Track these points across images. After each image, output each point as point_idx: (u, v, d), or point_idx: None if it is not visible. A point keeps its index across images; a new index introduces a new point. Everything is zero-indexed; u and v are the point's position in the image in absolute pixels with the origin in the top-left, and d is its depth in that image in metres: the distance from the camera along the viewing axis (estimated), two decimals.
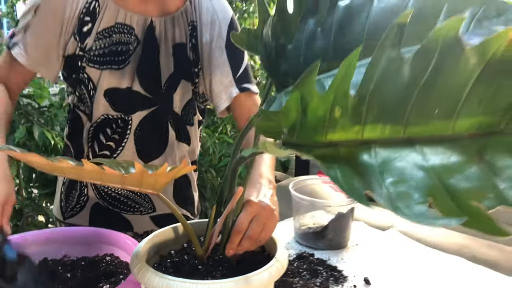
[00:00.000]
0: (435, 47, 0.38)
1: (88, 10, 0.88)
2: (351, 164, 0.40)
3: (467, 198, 0.38)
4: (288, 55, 0.56)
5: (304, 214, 1.11)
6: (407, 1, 0.54)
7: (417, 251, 1.08)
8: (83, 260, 0.81)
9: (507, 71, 0.37)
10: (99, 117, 0.95)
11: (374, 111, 0.41)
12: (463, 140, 0.40)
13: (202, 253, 0.66)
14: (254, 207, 0.66)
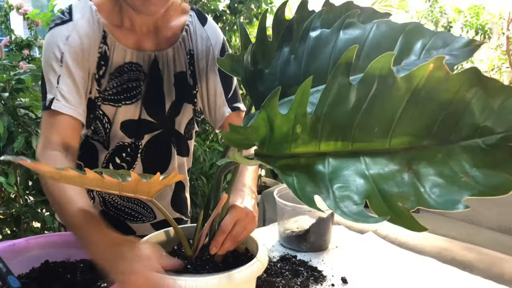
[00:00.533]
0: (373, 77, 0.47)
1: (101, 55, 0.93)
2: (307, 172, 0.49)
3: (395, 200, 0.47)
4: (265, 78, 0.65)
5: (288, 219, 1.18)
6: (368, 33, 0.62)
7: (392, 253, 1.16)
8: (81, 263, 0.88)
9: (428, 97, 0.46)
10: (115, 145, 1.02)
11: (328, 129, 0.50)
12: (397, 153, 0.50)
13: (191, 253, 0.73)
14: (238, 211, 0.74)
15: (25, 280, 0.82)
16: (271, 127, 0.49)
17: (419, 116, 0.47)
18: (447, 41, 0.61)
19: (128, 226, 1.10)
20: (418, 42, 0.62)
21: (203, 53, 1.01)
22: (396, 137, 0.49)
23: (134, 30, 0.97)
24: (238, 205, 0.75)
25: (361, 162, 0.49)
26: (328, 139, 0.50)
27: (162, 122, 1.03)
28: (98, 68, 0.93)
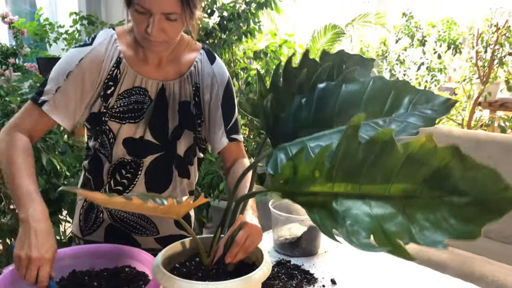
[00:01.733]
0: (378, 142, 0.62)
1: (112, 76, 1.07)
2: (326, 209, 0.64)
3: (394, 237, 0.61)
4: (281, 121, 0.79)
5: (282, 227, 1.32)
6: (365, 88, 0.78)
7: (374, 257, 1.31)
8: (105, 271, 1.00)
9: (420, 162, 0.61)
10: (117, 160, 1.14)
11: (340, 175, 0.64)
12: (395, 199, 0.64)
13: (208, 263, 0.87)
14: (249, 227, 0.88)
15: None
16: (295, 171, 0.63)
17: (412, 174, 0.62)
18: (429, 99, 0.77)
19: (134, 238, 1.22)
20: (406, 97, 0.78)
21: (208, 88, 1.15)
22: (394, 186, 0.63)
23: (146, 61, 1.10)
24: (249, 221, 0.89)
25: (366, 204, 0.64)
26: (340, 182, 0.65)
27: (164, 145, 1.15)
28: (105, 88, 1.07)
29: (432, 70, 3.27)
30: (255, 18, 2.51)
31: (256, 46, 2.81)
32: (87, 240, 1.21)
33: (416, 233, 0.61)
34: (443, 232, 0.59)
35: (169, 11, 0.94)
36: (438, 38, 3.19)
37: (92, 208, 1.21)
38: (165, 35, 0.98)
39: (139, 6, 0.94)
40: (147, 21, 0.96)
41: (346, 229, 0.63)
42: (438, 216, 0.60)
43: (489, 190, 0.57)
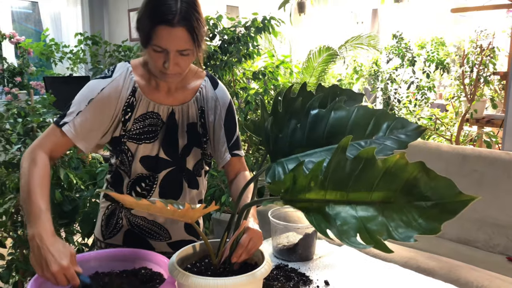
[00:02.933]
0: (363, 158, 0.76)
1: (129, 104, 1.22)
2: (320, 213, 0.78)
3: (375, 234, 0.76)
4: (279, 141, 0.94)
5: (280, 235, 1.46)
6: (350, 115, 0.93)
7: (364, 261, 1.44)
8: (124, 273, 1.13)
9: (395, 174, 0.76)
10: (135, 175, 1.29)
11: (331, 185, 0.79)
12: (375, 204, 0.79)
13: (216, 262, 1.00)
14: (252, 232, 1.02)
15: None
16: (294, 181, 0.77)
17: (389, 184, 0.77)
18: (404, 125, 0.93)
19: (149, 243, 1.36)
20: (385, 123, 0.93)
21: (212, 110, 1.31)
22: (375, 194, 0.78)
23: (158, 89, 1.26)
24: (251, 227, 1.03)
25: (353, 208, 0.78)
26: (331, 191, 0.80)
27: (175, 161, 1.30)
28: (124, 114, 1.23)
29: (422, 88, 3.43)
30: (254, 41, 2.67)
31: (254, 66, 2.97)
32: (108, 243, 1.35)
33: (392, 231, 0.75)
34: (413, 229, 0.74)
35: (183, 48, 1.10)
36: (427, 58, 3.36)
37: (113, 215, 1.35)
38: (179, 68, 1.14)
39: (157, 46, 1.09)
40: (164, 58, 1.11)
41: (337, 229, 0.77)
42: (409, 217, 0.75)
43: (447, 196, 0.73)
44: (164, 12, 1.06)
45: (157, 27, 1.07)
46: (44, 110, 1.79)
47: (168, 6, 1.06)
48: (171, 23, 1.06)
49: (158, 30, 1.07)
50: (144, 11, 1.10)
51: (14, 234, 1.83)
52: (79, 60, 4.97)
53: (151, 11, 1.08)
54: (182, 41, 1.09)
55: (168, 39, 1.08)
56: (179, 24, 1.06)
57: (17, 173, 1.81)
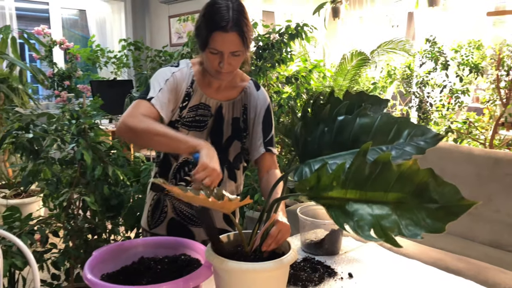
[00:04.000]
0: (380, 162, 0.86)
1: (187, 93, 1.41)
2: (340, 209, 0.89)
3: (387, 230, 0.86)
4: (308, 143, 1.06)
5: (308, 231, 1.56)
6: (374, 122, 1.03)
7: (388, 257, 1.52)
8: (166, 258, 1.26)
9: (408, 178, 0.85)
10: (182, 159, 1.46)
11: (352, 185, 0.89)
12: (390, 204, 0.89)
13: (248, 250, 1.12)
14: (281, 224, 1.13)
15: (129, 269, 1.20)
16: (318, 180, 0.89)
17: (402, 187, 0.86)
18: (423, 132, 1.02)
19: (190, 230, 1.51)
20: (406, 130, 1.02)
21: (253, 108, 1.49)
22: (390, 195, 0.87)
23: (210, 85, 1.44)
24: (280, 220, 1.15)
25: (369, 207, 0.88)
26: (351, 190, 0.89)
27: (219, 150, 1.43)
28: (183, 102, 1.42)
29: (455, 92, 3.43)
30: (287, 47, 2.79)
31: (288, 70, 3.08)
32: (153, 233, 1.52)
33: (403, 228, 0.85)
34: (421, 228, 0.83)
35: (235, 49, 1.27)
36: (461, 62, 3.37)
37: (158, 204, 1.52)
38: (231, 67, 1.31)
39: (213, 49, 1.27)
40: (219, 59, 1.29)
41: (354, 224, 0.87)
42: (419, 217, 0.84)
43: (452, 200, 0.82)
44: (218, 20, 1.24)
45: (213, 33, 1.25)
46: (93, 112, 1.98)
47: (222, 15, 1.24)
48: (225, 29, 1.24)
49: (214, 35, 1.25)
50: (201, 21, 1.29)
51: (68, 225, 2.02)
52: (122, 65, 5.23)
53: (208, 20, 1.27)
54: (234, 44, 1.26)
55: (223, 43, 1.25)
56: (231, 30, 1.24)
57: (71, 169, 2.01)
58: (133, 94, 2.57)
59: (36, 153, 1.91)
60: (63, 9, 5.40)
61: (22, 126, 1.93)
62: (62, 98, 4.74)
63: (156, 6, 5.67)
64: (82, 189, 1.92)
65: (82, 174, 1.94)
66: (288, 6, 5.01)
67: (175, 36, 5.41)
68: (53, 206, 2.09)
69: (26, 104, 3.98)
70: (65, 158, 2.00)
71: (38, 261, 1.90)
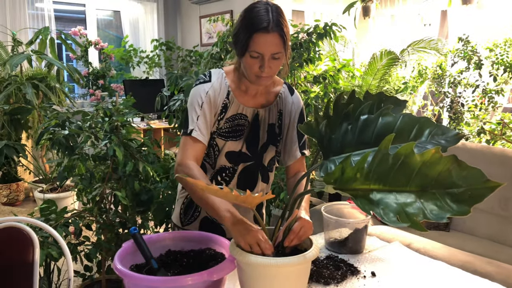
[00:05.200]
0: (402, 153, 0.88)
1: (224, 105, 1.43)
2: (365, 199, 0.91)
3: (412, 216, 0.88)
4: (332, 141, 1.08)
5: (332, 229, 1.57)
6: (396, 121, 1.05)
7: (413, 257, 1.52)
8: (192, 252, 1.30)
9: (431, 166, 0.87)
10: (219, 166, 1.49)
11: (375, 177, 0.92)
12: (413, 192, 0.91)
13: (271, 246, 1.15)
14: (303, 221, 1.16)
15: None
16: (342, 173, 0.91)
17: (425, 175, 0.88)
18: (444, 131, 1.04)
19: (222, 228, 1.54)
20: (427, 130, 1.05)
21: (288, 113, 1.50)
22: (413, 184, 0.90)
23: (247, 93, 1.46)
24: (303, 217, 1.17)
25: (394, 195, 0.91)
26: (375, 182, 0.92)
27: (255, 156, 1.50)
28: (220, 113, 1.43)
29: (489, 92, 3.35)
30: (316, 47, 2.79)
31: (318, 69, 3.09)
32: (185, 229, 1.55)
33: (428, 213, 0.88)
34: (446, 211, 0.86)
35: (276, 51, 1.27)
36: (495, 61, 3.28)
37: (192, 204, 1.55)
38: (271, 70, 1.31)
39: (254, 52, 1.27)
40: (259, 63, 1.29)
41: (380, 211, 0.90)
42: (443, 202, 0.87)
43: (476, 183, 0.85)
44: (259, 22, 1.25)
45: (255, 34, 1.25)
46: (126, 111, 2.05)
47: (262, 17, 1.25)
48: (267, 29, 1.24)
49: (255, 37, 1.25)
50: (240, 25, 1.30)
51: (100, 219, 2.10)
52: (154, 64, 5.36)
53: (248, 23, 1.28)
54: (276, 45, 1.26)
55: (265, 44, 1.26)
56: (273, 30, 1.25)
57: (103, 165, 2.09)
58: (164, 93, 2.64)
59: (72, 149, 2.00)
60: (98, 10, 5.58)
61: (58, 123, 2.03)
62: (96, 97, 4.91)
63: (187, 7, 5.77)
64: (113, 184, 2.00)
65: (114, 170, 2.01)
66: (318, 5, 4.99)
67: (206, 36, 5.49)
68: (87, 200, 2.18)
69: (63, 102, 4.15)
70: (98, 154, 2.08)
71: (71, 252, 1.99)
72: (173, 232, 1.38)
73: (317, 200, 3.30)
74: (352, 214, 1.64)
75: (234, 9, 4.99)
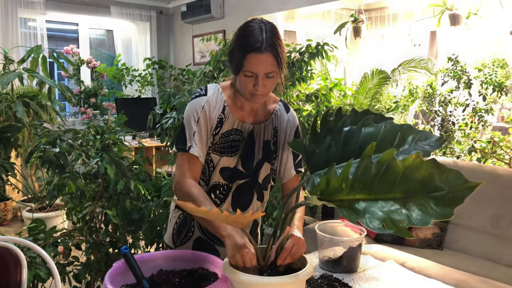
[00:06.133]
0: (384, 160, 0.88)
1: (219, 120, 1.41)
2: (350, 208, 0.90)
3: (398, 223, 0.87)
4: (316, 155, 1.07)
5: (326, 248, 1.55)
6: (379, 130, 1.05)
7: (407, 276, 1.50)
8: (184, 271, 1.28)
9: (412, 172, 0.87)
10: (213, 183, 1.47)
11: (360, 186, 0.91)
12: (398, 199, 0.91)
13: (264, 264, 1.13)
14: (295, 238, 1.14)
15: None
16: (327, 183, 0.90)
17: (408, 181, 0.89)
18: (427, 137, 1.04)
19: (216, 249, 1.52)
20: (410, 136, 1.05)
21: (283, 131, 1.49)
22: (397, 191, 0.90)
23: (243, 109, 1.44)
24: (295, 234, 1.15)
25: (379, 204, 0.91)
26: (360, 191, 0.92)
27: (249, 173, 1.48)
28: (215, 128, 1.41)
29: (478, 111, 3.39)
30: (308, 66, 2.82)
31: (309, 88, 3.11)
32: None
33: (413, 219, 0.88)
34: (431, 215, 0.87)
35: (270, 70, 1.27)
36: (484, 80, 3.33)
37: (185, 224, 1.52)
38: (266, 89, 1.31)
39: (248, 71, 1.27)
40: (253, 81, 1.28)
41: (365, 220, 0.90)
42: (427, 206, 0.88)
43: (456, 184, 0.86)
44: (253, 42, 1.25)
45: (248, 55, 1.25)
46: (118, 128, 2.04)
47: (256, 37, 1.25)
48: (260, 50, 1.24)
49: (249, 57, 1.25)
50: (235, 44, 1.30)
51: (90, 238, 2.06)
52: (146, 83, 5.37)
53: (242, 43, 1.27)
54: (269, 64, 1.26)
55: (258, 64, 1.25)
56: (266, 51, 1.24)
57: (94, 183, 2.06)
58: (156, 111, 2.63)
59: (62, 167, 1.98)
60: (91, 30, 5.60)
61: (49, 141, 2.01)
62: (88, 115, 4.88)
63: (180, 26, 5.82)
64: (104, 203, 1.97)
65: (105, 188, 1.99)
66: (310, 25, 5.06)
67: (198, 55, 5.53)
68: (76, 219, 2.14)
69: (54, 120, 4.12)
70: (89, 172, 2.06)
71: (60, 273, 1.95)
72: (165, 251, 1.35)
73: (310, 219, 3.28)
74: (346, 233, 1.62)
75: (226, 29, 5.04)
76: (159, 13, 5.88)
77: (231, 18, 4.96)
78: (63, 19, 5.34)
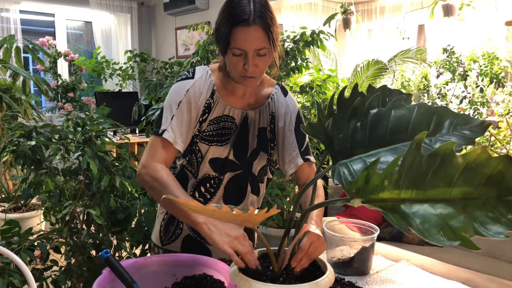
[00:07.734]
0: (440, 154, 0.72)
1: (207, 105, 1.25)
2: (396, 212, 0.74)
3: (460, 231, 0.71)
4: (340, 141, 0.92)
5: (334, 248, 1.42)
6: (411, 113, 0.90)
7: (422, 277, 1.38)
8: (188, 279, 1.11)
9: (476, 169, 0.71)
10: (202, 175, 1.31)
11: (406, 183, 0.75)
12: (455, 201, 0.75)
13: (277, 269, 0.98)
14: (312, 235, 1.00)
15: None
16: (367, 181, 0.75)
17: (470, 179, 0.72)
18: (466, 121, 0.89)
19: (207, 248, 1.36)
20: (447, 120, 0.89)
21: (282, 116, 1.32)
22: (454, 190, 0.73)
23: (234, 93, 1.29)
24: (312, 231, 1.01)
25: (430, 206, 0.74)
26: (407, 189, 0.76)
27: (243, 164, 1.32)
28: (202, 114, 1.25)
29: (474, 104, 3.31)
30: (302, 55, 2.68)
31: (298, 81, 2.97)
32: (166, 250, 1.36)
33: (478, 227, 0.71)
34: (503, 225, 0.70)
35: (260, 46, 1.11)
36: (480, 72, 3.25)
37: (172, 221, 1.36)
38: (258, 69, 1.15)
39: (236, 49, 1.12)
40: (243, 61, 1.13)
41: (418, 227, 0.73)
42: (496, 213, 0.71)
43: None
44: (239, 14, 1.09)
45: (234, 29, 1.10)
46: (101, 120, 1.85)
47: (243, 8, 1.10)
48: (247, 22, 1.09)
49: (235, 32, 1.10)
50: (220, 19, 1.14)
51: (70, 240, 1.88)
52: (127, 77, 5.15)
53: (228, 16, 1.12)
54: (259, 39, 1.10)
55: (246, 39, 1.10)
56: (254, 23, 1.09)
57: (75, 180, 1.88)
58: (141, 102, 2.45)
59: (38, 163, 1.78)
60: (68, 21, 5.34)
61: (23, 134, 1.81)
62: (66, 110, 4.64)
63: (162, 18, 5.61)
64: (86, 202, 1.79)
65: (87, 186, 1.80)
66: (297, 18, 4.93)
67: (182, 48, 5.34)
68: (55, 220, 1.95)
69: (29, 115, 3.88)
70: (69, 168, 1.87)
71: (37, 279, 1.76)
72: (161, 255, 1.20)
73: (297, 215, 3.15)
74: (344, 231, 1.49)
75: (212, 20, 4.86)
76: (140, 4, 5.66)
77: (217, 9, 4.77)
78: (39, 9, 5.06)
